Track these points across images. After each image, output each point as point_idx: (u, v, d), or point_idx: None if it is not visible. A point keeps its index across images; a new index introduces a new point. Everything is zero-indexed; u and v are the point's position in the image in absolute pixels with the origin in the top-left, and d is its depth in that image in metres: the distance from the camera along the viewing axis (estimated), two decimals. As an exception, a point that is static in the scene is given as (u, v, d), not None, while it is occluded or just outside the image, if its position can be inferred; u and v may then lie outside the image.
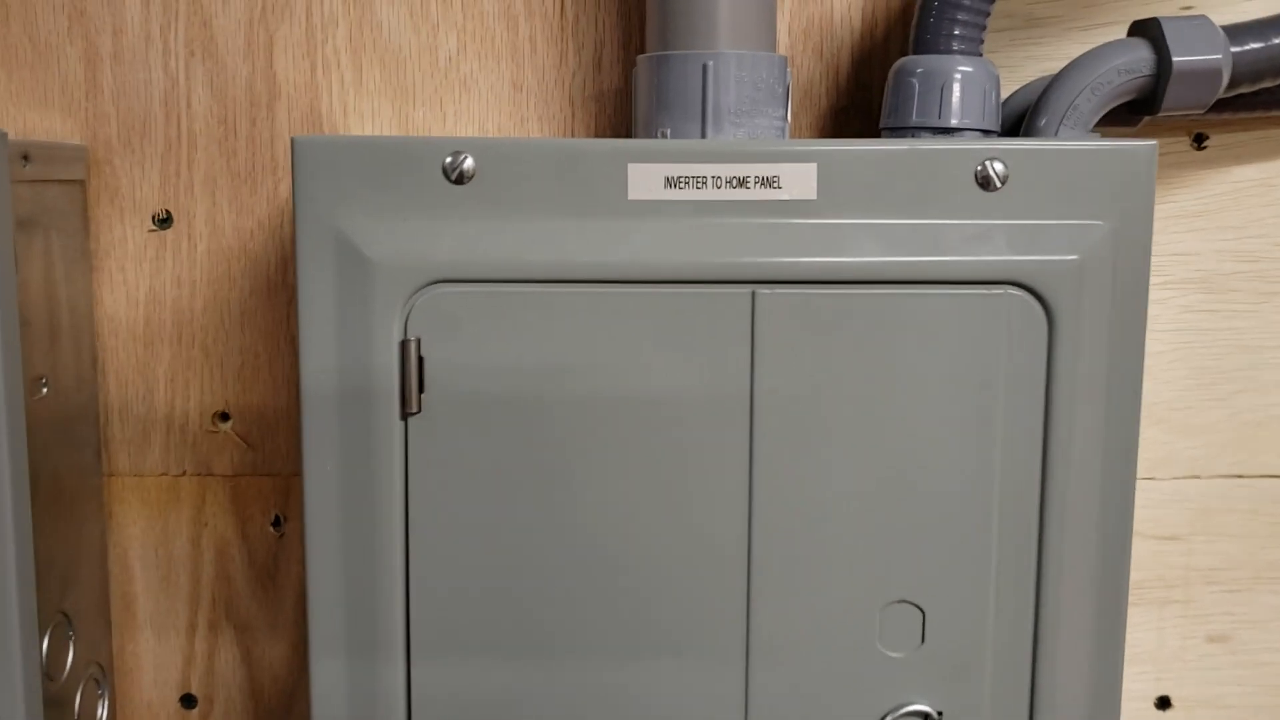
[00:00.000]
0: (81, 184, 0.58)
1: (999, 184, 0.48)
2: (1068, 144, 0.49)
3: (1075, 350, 0.49)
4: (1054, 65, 0.57)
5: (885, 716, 0.50)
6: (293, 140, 0.48)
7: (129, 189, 0.59)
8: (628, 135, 0.57)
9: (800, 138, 0.59)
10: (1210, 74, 0.51)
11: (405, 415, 0.49)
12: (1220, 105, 0.57)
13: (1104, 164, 0.48)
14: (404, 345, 0.48)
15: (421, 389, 0.49)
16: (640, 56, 0.53)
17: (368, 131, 0.59)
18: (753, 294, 0.48)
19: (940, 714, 0.50)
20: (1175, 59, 0.51)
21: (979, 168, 0.48)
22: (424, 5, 0.58)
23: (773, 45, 0.53)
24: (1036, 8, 0.59)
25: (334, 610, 0.50)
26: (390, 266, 0.48)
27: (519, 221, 0.48)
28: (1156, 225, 0.61)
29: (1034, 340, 0.48)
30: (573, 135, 0.59)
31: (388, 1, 0.58)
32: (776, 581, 0.50)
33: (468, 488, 0.49)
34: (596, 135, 0.59)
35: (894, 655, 0.50)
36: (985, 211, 0.48)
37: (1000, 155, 0.48)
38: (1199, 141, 0.61)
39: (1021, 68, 0.59)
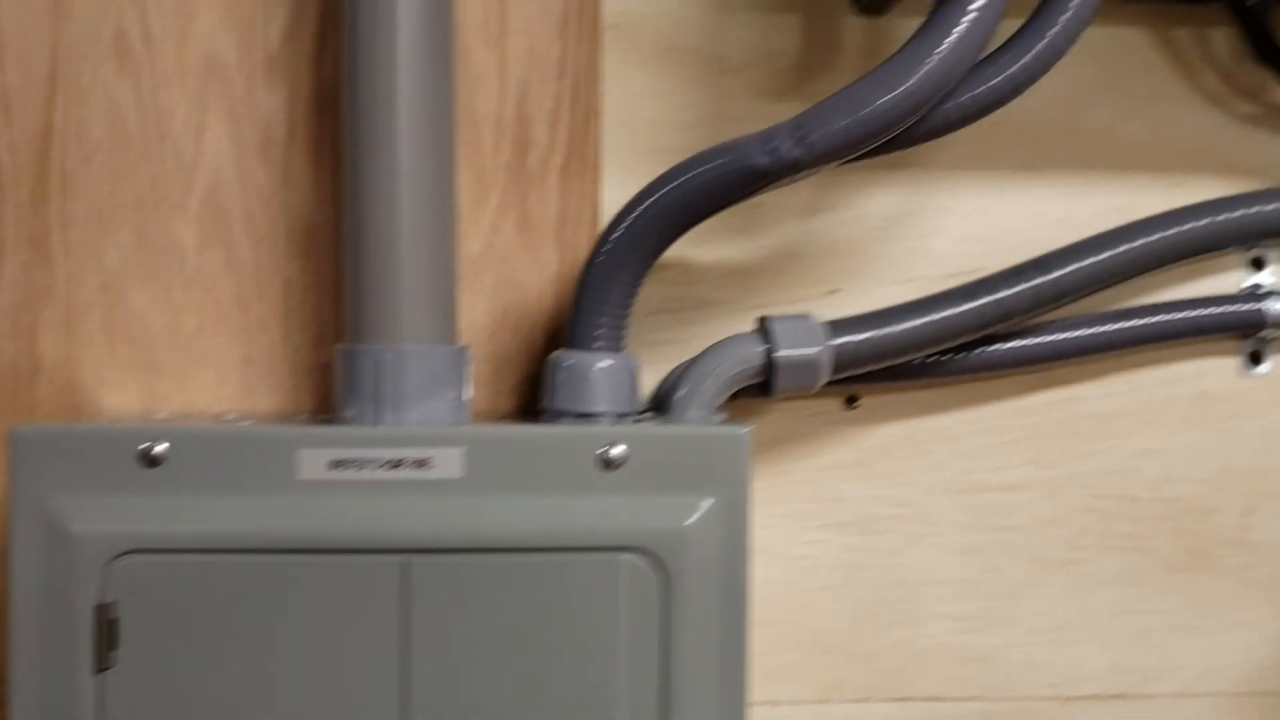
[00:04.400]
0: None
1: (620, 464, 0.57)
2: (677, 429, 0.58)
3: (685, 603, 0.56)
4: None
5: None
6: (10, 431, 0.55)
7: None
8: (342, 405, 0.66)
9: (492, 407, 0.68)
10: (810, 364, 0.61)
11: (99, 670, 0.55)
12: (867, 377, 0.66)
13: (706, 446, 0.57)
14: (99, 608, 0.55)
15: (114, 647, 0.55)
16: (335, 346, 0.62)
17: (116, 401, 0.67)
18: (404, 562, 0.56)
19: None
20: (779, 353, 0.61)
21: (600, 451, 0.57)
22: (167, 291, 0.67)
23: (451, 337, 0.62)
24: (707, 292, 0.69)
25: None
26: (88, 538, 0.55)
27: (203, 499, 0.56)
28: (816, 476, 0.70)
29: (651, 595, 0.56)
30: (296, 404, 0.67)
31: (139, 289, 0.67)
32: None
33: (156, 734, 0.55)
34: (316, 404, 0.67)
35: None
36: (609, 487, 0.57)
37: (621, 439, 0.57)
38: (851, 402, 0.70)
39: (690, 344, 0.69)
